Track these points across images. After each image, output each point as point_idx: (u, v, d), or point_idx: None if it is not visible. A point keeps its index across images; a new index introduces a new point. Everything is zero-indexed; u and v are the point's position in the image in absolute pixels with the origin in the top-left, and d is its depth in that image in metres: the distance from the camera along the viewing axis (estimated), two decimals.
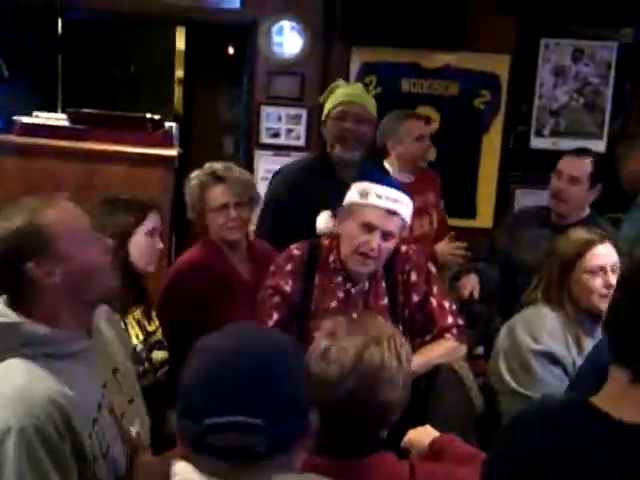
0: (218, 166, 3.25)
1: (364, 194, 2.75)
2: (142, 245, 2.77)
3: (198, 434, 1.33)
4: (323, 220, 2.99)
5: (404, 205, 2.76)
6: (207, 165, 3.28)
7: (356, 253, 2.73)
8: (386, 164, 4.00)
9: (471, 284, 3.64)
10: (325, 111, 3.57)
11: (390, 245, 2.75)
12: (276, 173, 3.77)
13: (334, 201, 2.94)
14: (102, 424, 1.93)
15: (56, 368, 1.85)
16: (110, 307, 2.26)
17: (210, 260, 3.24)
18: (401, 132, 4.04)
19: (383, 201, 2.71)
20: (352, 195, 2.79)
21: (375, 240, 2.70)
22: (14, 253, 1.83)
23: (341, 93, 3.52)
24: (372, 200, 2.72)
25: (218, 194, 3.19)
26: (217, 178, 3.20)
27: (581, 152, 3.78)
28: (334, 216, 2.91)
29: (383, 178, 2.83)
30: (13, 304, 1.88)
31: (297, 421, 1.37)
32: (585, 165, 3.66)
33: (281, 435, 1.34)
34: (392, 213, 2.72)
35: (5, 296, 1.90)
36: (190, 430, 1.35)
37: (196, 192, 3.23)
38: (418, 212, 4.02)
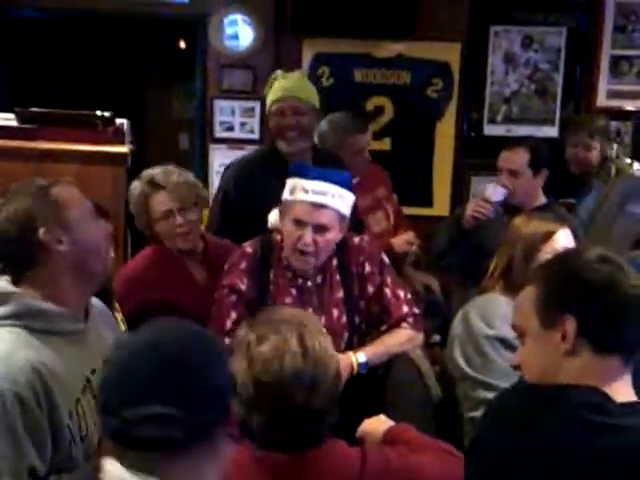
0: (156, 172, 3.15)
1: (292, 190, 2.73)
2: None
3: (116, 428, 1.36)
4: (274, 215, 2.98)
5: (335, 197, 2.71)
6: (145, 173, 3.18)
7: (295, 250, 2.73)
8: None
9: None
10: (267, 106, 3.53)
11: (328, 238, 2.73)
12: (227, 167, 3.71)
13: None
14: (85, 407, 1.99)
15: (46, 342, 1.95)
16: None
17: (159, 269, 3.14)
18: (342, 146, 3.94)
19: (309, 195, 2.68)
20: (285, 192, 2.78)
21: (308, 235, 2.68)
22: (28, 219, 1.98)
23: (278, 87, 3.45)
24: (299, 195, 2.70)
25: (160, 202, 3.10)
26: (156, 185, 3.11)
27: (515, 144, 3.83)
28: None
29: (311, 171, 2.77)
30: (19, 275, 2.02)
31: (214, 408, 1.40)
32: (520, 157, 3.73)
33: (197, 423, 1.37)
34: (320, 206, 2.69)
35: (8, 276, 2.03)
36: (109, 425, 1.38)
37: (139, 202, 3.15)
38: (371, 209, 4.04)
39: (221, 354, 1.48)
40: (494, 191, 3.65)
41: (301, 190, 2.70)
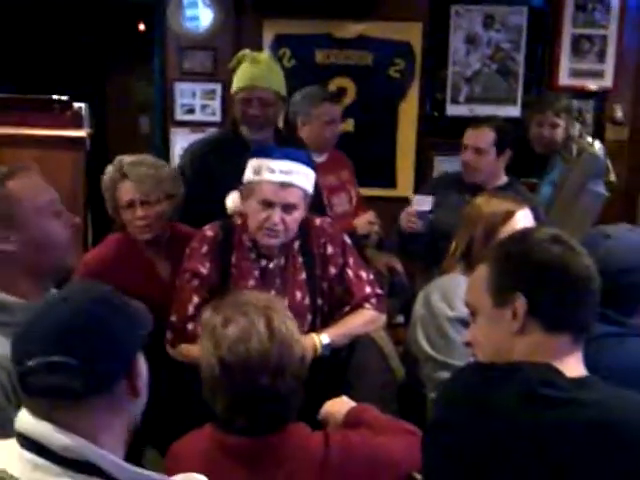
0: (127, 160, 3.08)
1: (257, 171, 2.71)
2: None
3: (21, 376, 1.43)
4: (232, 200, 2.95)
5: (301, 175, 2.70)
6: (118, 159, 3.11)
7: (262, 229, 2.71)
8: None
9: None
10: (232, 89, 3.47)
11: (295, 216, 2.72)
12: (187, 148, 3.67)
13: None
14: None
15: (7, 335, 1.85)
16: None
17: (122, 258, 3.09)
18: (312, 114, 4.01)
19: (276, 175, 2.66)
20: (248, 173, 2.75)
21: (276, 215, 2.66)
22: None
23: (245, 76, 3.39)
24: (265, 176, 2.68)
25: (126, 190, 3.04)
26: (123, 174, 3.04)
27: (481, 122, 3.88)
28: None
29: (275, 151, 2.76)
30: None
31: (114, 362, 1.45)
32: (486, 135, 3.79)
33: (96, 374, 1.42)
34: (287, 185, 2.67)
35: None
36: (18, 374, 1.45)
37: (108, 188, 3.09)
38: (335, 189, 4.06)
39: (131, 315, 1.52)
40: (419, 202, 3.72)
41: (267, 170, 2.68)
